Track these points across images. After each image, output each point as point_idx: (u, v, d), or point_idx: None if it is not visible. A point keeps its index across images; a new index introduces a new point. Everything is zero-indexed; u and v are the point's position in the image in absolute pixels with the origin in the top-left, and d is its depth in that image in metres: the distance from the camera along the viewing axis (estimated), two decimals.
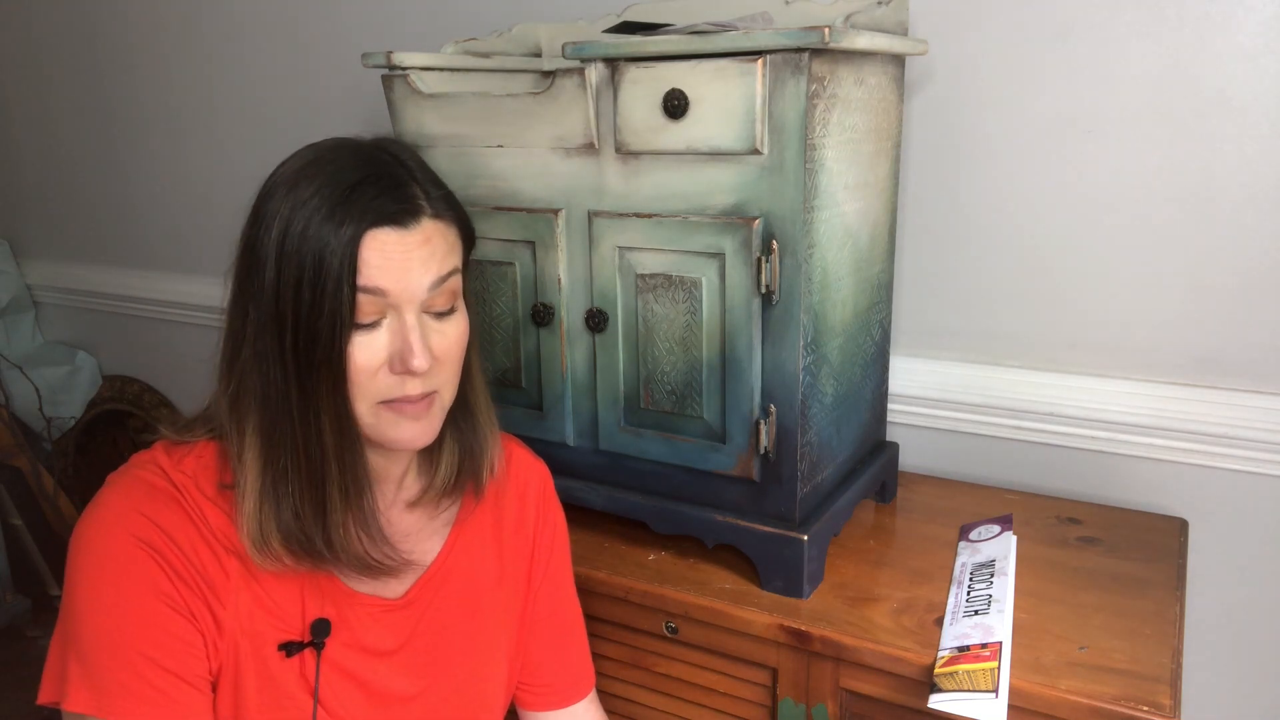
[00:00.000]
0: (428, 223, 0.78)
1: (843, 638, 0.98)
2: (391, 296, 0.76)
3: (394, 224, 0.76)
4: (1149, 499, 1.28)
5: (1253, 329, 1.20)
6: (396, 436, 0.80)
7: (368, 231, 0.75)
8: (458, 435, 0.91)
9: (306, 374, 0.76)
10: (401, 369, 0.77)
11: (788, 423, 1.03)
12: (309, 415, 0.77)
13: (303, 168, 0.77)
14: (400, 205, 0.77)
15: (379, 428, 0.80)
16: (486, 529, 0.95)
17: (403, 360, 0.77)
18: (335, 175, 0.76)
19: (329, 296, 0.74)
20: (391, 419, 0.80)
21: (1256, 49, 1.14)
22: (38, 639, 2.41)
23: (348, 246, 0.74)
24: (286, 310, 0.75)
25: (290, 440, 0.77)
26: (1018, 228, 1.30)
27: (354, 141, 0.81)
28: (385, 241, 0.75)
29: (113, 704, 0.73)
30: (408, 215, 0.77)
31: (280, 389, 0.76)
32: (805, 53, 0.92)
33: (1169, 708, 0.86)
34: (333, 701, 0.82)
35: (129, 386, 2.41)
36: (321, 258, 0.74)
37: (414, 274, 0.77)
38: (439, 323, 0.80)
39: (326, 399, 0.76)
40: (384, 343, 0.77)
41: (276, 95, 1.93)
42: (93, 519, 0.77)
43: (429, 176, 0.82)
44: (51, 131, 2.36)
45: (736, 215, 0.99)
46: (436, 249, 0.78)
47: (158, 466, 0.80)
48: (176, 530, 0.77)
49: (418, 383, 0.79)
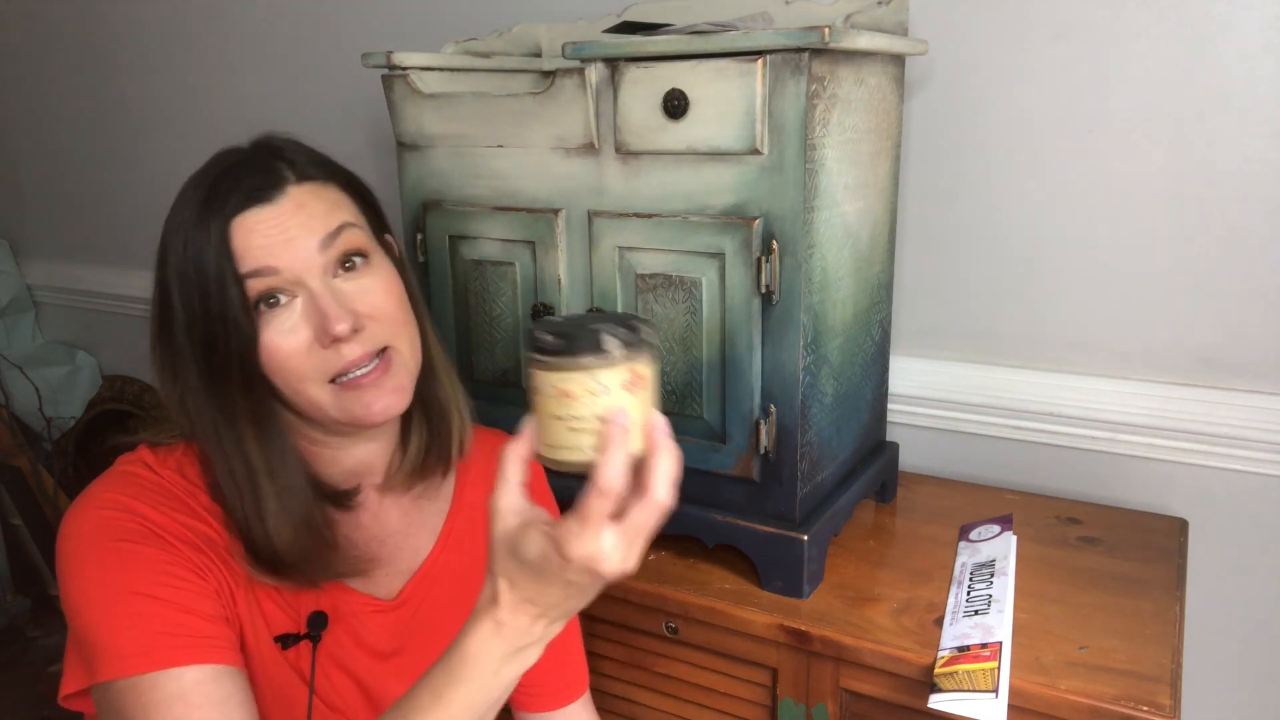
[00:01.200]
0: (295, 189, 0.77)
1: (843, 638, 0.98)
2: (285, 272, 0.75)
3: (259, 202, 0.75)
4: (1149, 499, 1.28)
5: (1253, 329, 1.20)
6: (366, 413, 0.78)
7: (234, 218, 0.74)
8: (424, 409, 0.88)
9: (221, 385, 0.75)
10: (327, 339, 0.75)
11: (788, 423, 1.03)
12: (230, 428, 0.76)
13: (179, 194, 0.78)
14: (260, 180, 0.76)
15: (346, 409, 0.78)
16: (478, 527, 0.95)
17: (323, 329, 0.75)
18: (198, 182, 0.77)
19: (216, 296, 0.73)
20: (353, 395, 0.77)
21: (1256, 49, 1.14)
22: (38, 639, 2.41)
23: (220, 240, 0.73)
24: (190, 327, 0.75)
25: (225, 461, 0.77)
26: (1018, 227, 1.30)
27: (227, 149, 0.81)
28: (256, 221, 0.74)
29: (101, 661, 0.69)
30: (270, 189, 0.76)
31: (206, 412, 0.76)
32: (805, 53, 0.92)
33: (1169, 708, 0.86)
34: (330, 694, 0.82)
35: (129, 386, 2.41)
36: (202, 261, 0.73)
37: (297, 242, 0.75)
38: (353, 280, 0.78)
39: (241, 404, 0.76)
40: (301, 321, 0.75)
41: (277, 95, 1.93)
42: (76, 509, 0.76)
43: (301, 151, 0.80)
44: (51, 131, 2.36)
45: (736, 215, 0.99)
46: (314, 211, 0.77)
47: (145, 464, 0.79)
48: (176, 511, 0.76)
49: (354, 345, 0.76)
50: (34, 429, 2.49)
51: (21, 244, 2.53)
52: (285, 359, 0.75)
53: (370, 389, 0.78)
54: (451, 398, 0.90)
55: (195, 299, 0.74)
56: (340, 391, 0.77)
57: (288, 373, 0.76)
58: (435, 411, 0.89)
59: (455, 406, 0.90)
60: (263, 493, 0.77)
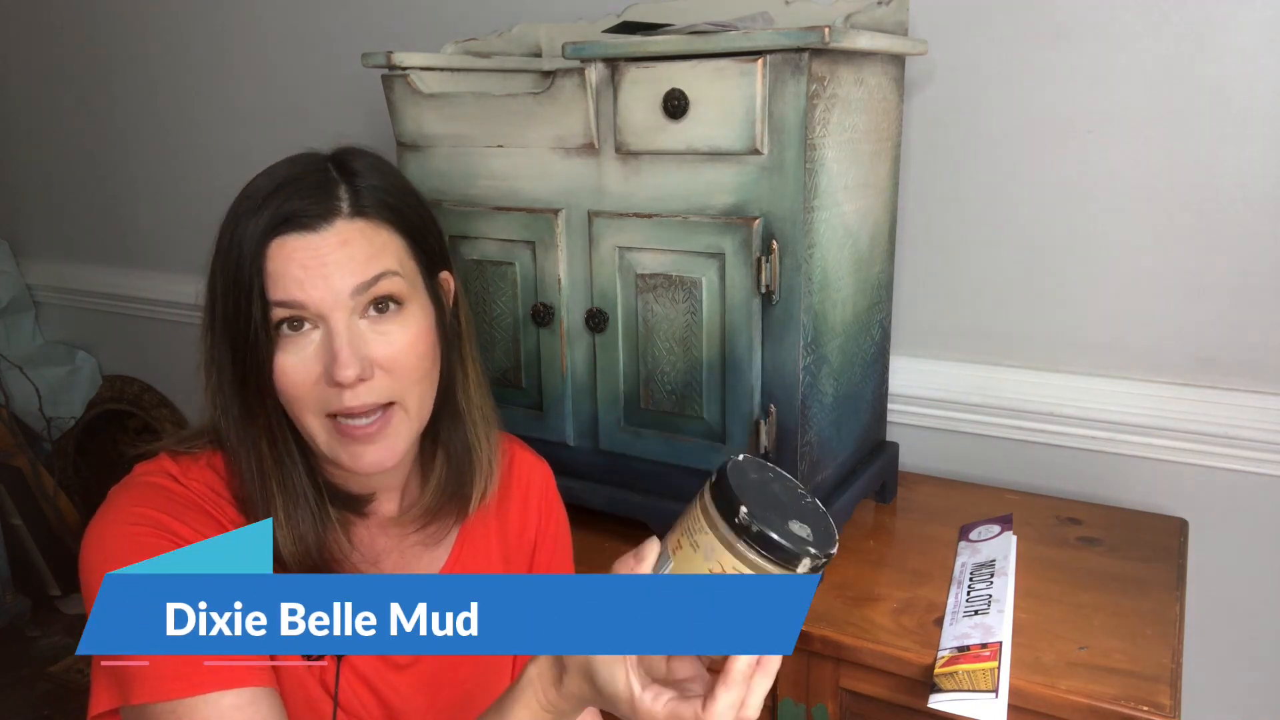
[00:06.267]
0: (344, 224, 0.73)
1: (843, 638, 0.98)
2: (310, 307, 0.72)
3: (303, 229, 0.72)
4: (1149, 499, 1.28)
5: (1253, 329, 1.20)
6: (353, 463, 0.76)
7: (272, 240, 0.72)
8: (446, 450, 0.86)
9: (245, 386, 0.75)
10: (330, 381, 0.73)
11: (788, 423, 1.03)
12: (250, 428, 0.76)
13: (248, 185, 0.76)
14: (311, 205, 0.73)
15: (335, 452, 0.76)
16: (491, 536, 0.94)
17: (329, 372, 0.72)
18: (261, 185, 0.75)
19: (243, 310, 0.72)
20: (344, 443, 0.75)
21: (1256, 49, 1.14)
22: (38, 639, 2.41)
23: (255, 259, 0.72)
24: (226, 327, 0.74)
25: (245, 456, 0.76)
26: (1018, 228, 1.30)
27: (308, 152, 0.79)
28: (293, 249, 0.72)
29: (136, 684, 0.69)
30: (318, 217, 0.72)
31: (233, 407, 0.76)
32: (805, 53, 0.92)
33: (1169, 708, 0.86)
34: (354, 707, 0.82)
35: (129, 386, 2.41)
36: (238, 268, 0.72)
37: (331, 280, 0.72)
38: (379, 325, 0.75)
39: (258, 411, 0.75)
40: (316, 352, 0.73)
41: (277, 95, 1.93)
42: (103, 522, 0.74)
43: (372, 179, 0.77)
44: (51, 131, 2.36)
45: (736, 215, 0.99)
46: (357, 251, 0.73)
47: (168, 475, 0.78)
48: (204, 525, 0.75)
49: (355, 393, 0.73)
50: (34, 429, 2.49)
51: (21, 244, 2.53)
52: (292, 384, 0.74)
53: (361, 441, 0.76)
54: (480, 445, 0.87)
55: (230, 301, 0.73)
56: (334, 432, 0.76)
57: (291, 398, 0.75)
58: (457, 455, 0.86)
59: (483, 454, 0.87)
60: (272, 496, 0.77)
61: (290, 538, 0.77)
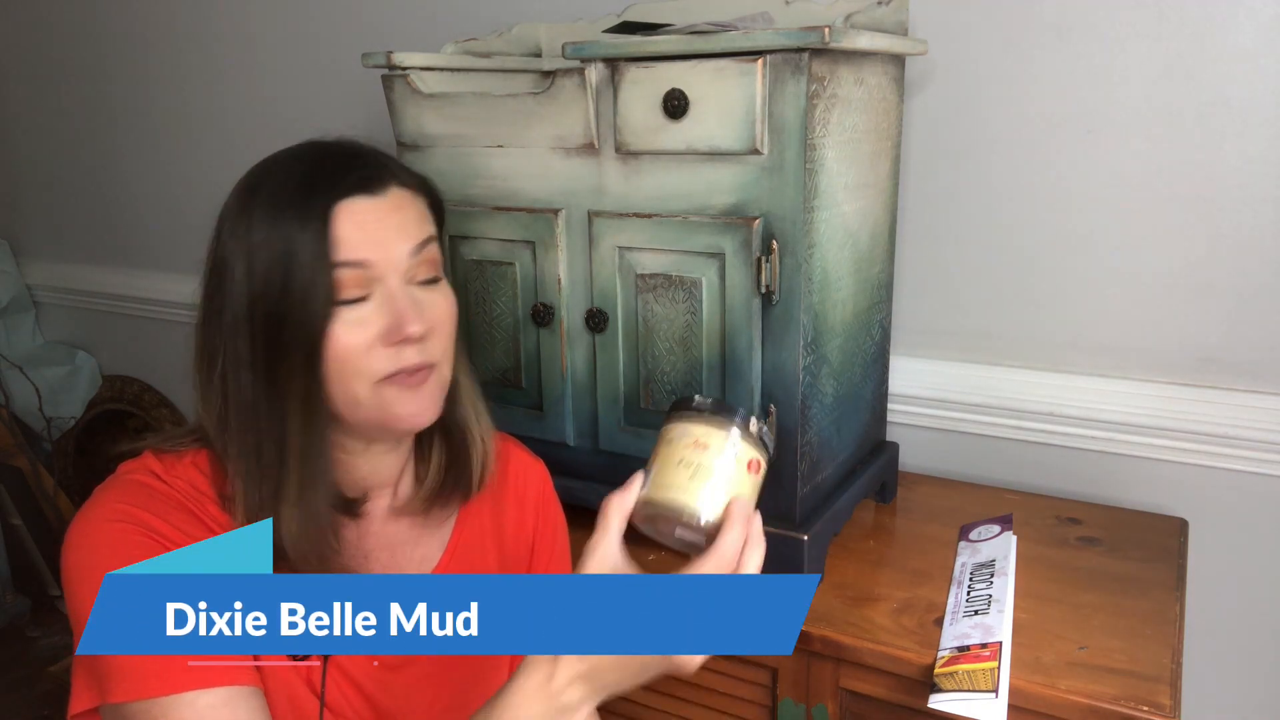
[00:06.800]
0: (396, 190, 0.77)
1: (843, 638, 0.98)
2: (374, 268, 0.74)
3: (365, 192, 0.74)
4: (1149, 499, 1.28)
5: (1253, 329, 1.20)
6: (400, 412, 0.77)
7: (339, 203, 0.73)
8: (445, 432, 0.88)
9: (278, 364, 0.73)
10: (398, 338, 0.74)
11: (788, 423, 1.03)
12: (275, 409, 0.74)
13: (258, 172, 0.77)
14: (369, 171, 0.75)
15: (383, 406, 0.77)
16: (486, 534, 0.94)
17: (398, 328, 0.74)
18: (291, 164, 0.76)
19: (301, 277, 0.72)
20: (394, 394, 0.76)
21: (1256, 49, 1.14)
22: (38, 639, 2.41)
23: (320, 221, 0.72)
24: (257, 302, 0.73)
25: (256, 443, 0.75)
26: (1018, 228, 1.30)
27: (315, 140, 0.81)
28: (358, 210, 0.74)
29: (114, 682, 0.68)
30: (376, 182, 0.75)
31: (249, 391, 0.75)
32: (805, 53, 0.92)
33: (1169, 708, 0.86)
34: (342, 706, 0.82)
35: (129, 386, 2.41)
36: (291, 239, 0.72)
37: (392, 241, 0.75)
38: (426, 292, 0.78)
39: (296, 386, 0.74)
40: (373, 317, 0.75)
41: (277, 95, 1.93)
42: (84, 520, 0.74)
43: (391, 158, 0.81)
44: (51, 132, 2.36)
45: (736, 215, 0.99)
46: (409, 215, 0.77)
47: (152, 473, 0.77)
48: (186, 523, 0.75)
49: (414, 351, 0.76)
50: (34, 429, 2.49)
51: (21, 244, 2.53)
52: (345, 352, 0.74)
53: (408, 390, 0.77)
54: (474, 424, 0.89)
55: (276, 274, 0.72)
56: (381, 388, 0.76)
57: (344, 366, 0.75)
58: (455, 435, 0.88)
59: (478, 434, 0.89)
60: (288, 478, 0.75)
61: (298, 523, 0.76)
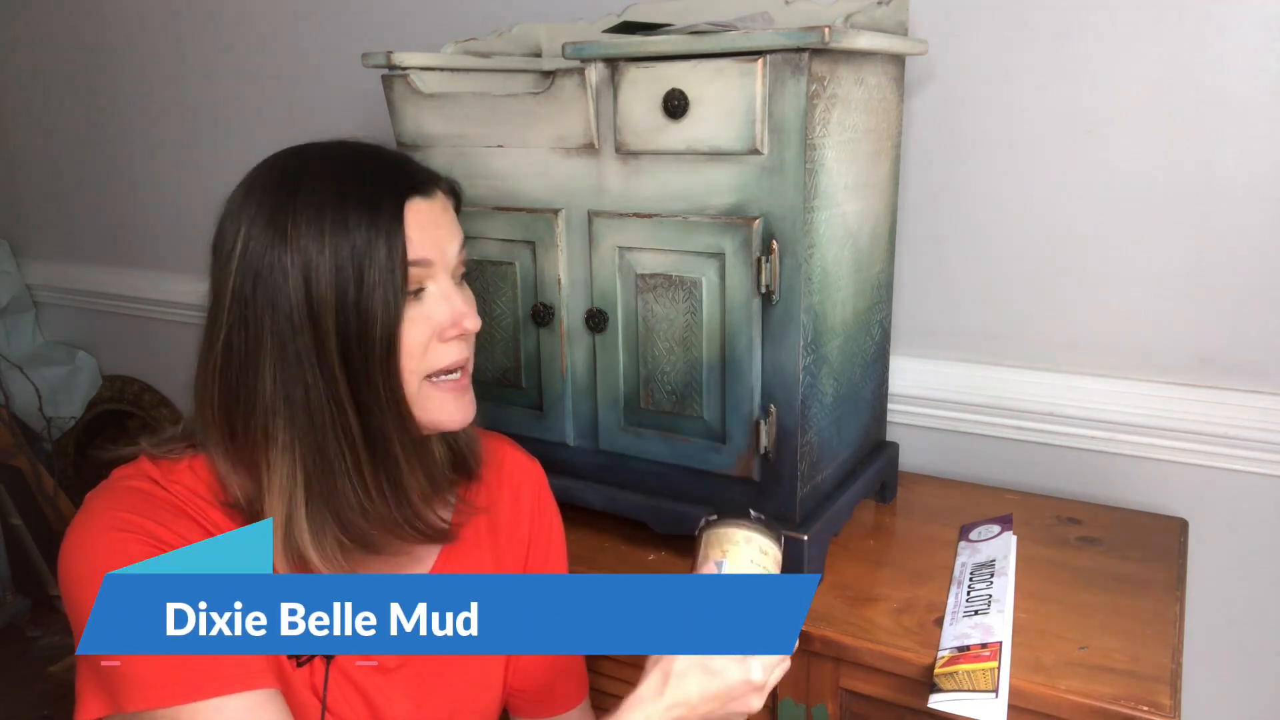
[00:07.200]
0: (441, 192, 0.80)
1: (843, 638, 0.98)
2: (435, 266, 0.77)
3: (424, 194, 0.77)
4: (1149, 499, 1.28)
5: (1253, 329, 1.20)
6: (443, 418, 0.80)
7: (409, 201, 0.75)
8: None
9: (357, 365, 0.73)
10: (457, 333, 0.78)
11: (788, 423, 1.03)
12: (361, 407, 0.74)
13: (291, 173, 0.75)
14: (423, 173, 0.78)
15: (427, 408, 0.79)
16: (482, 534, 0.94)
17: (457, 323, 0.77)
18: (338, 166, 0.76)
19: (378, 275, 0.73)
20: (439, 398, 0.79)
21: (1256, 49, 1.14)
22: (38, 639, 2.41)
23: (391, 221, 0.74)
24: (323, 303, 0.72)
25: (342, 440, 0.74)
26: (1018, 228, 1.30)
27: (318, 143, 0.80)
28: (421, 210, 0.76)
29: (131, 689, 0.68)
30: (429, 184, 0.78)
31: (321, 390, 0.73)
32: (805, 53, 0.92)
33: (1169, 708, 0.86)
34: (343, 709, 0.82)
35: (129, 386, 2.41)
36: (366, 239, 0.73)
37: (447, 240, 0.78)
38: (464, 290, 0.81)
39: (383, 382, 0.75)
40: (430, 313, 0.77)
41: (277, 95, 1.93)
42: (83, 529, 0.73)
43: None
44: (51, 132, 2.36)
45: (736, 215, 0.99)
46: (453, 216, 0.81)
47: (149, 479, 0.77)
48: (187, 530, 0.74)
49: (464, 345, 0.80)
50: (34, 429, 2.49)
51: (21, 244, 2.53)
52: (415, 344, 0.76)
53: (452, 395, 0.80)
54: None
55: (348, 273, 0.72)
56: (429, 390, 0.78)
57: (410, 359, 0.76)
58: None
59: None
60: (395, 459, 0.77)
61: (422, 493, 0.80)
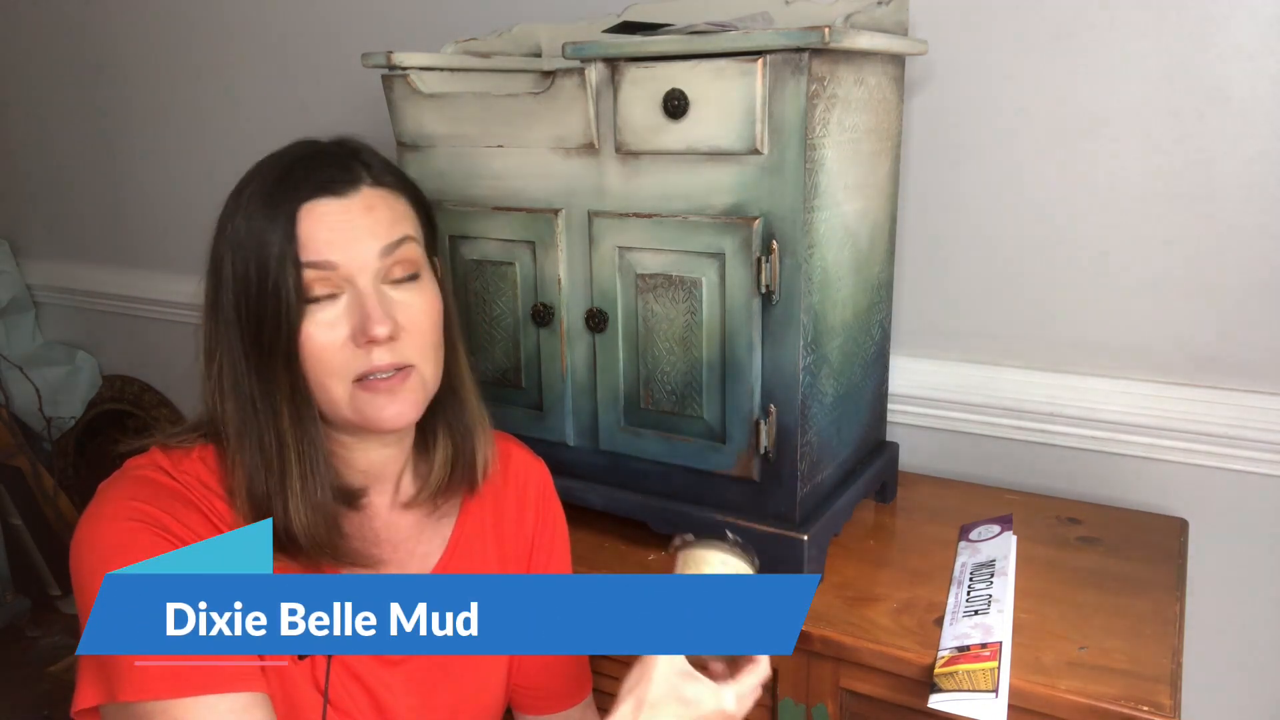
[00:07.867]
0: (368, 190, 0.78)
1: (843, 638, 0.98)
2: (341, 269, 0.76)
3: (331, 194, 0.76)
4: (1149, 499, 1.28)
5: (1253, 329, 1.20)
6: (375, 415, 0.78)
7: (303, 204, 0.75)
8: (449, 429, 0.89)
9: (264, 360, 0.76)
10: (364, 339, 0.76)
11: (788, 423, 1.03)
12: (268, 403, 0.76)
13: (249, 172, 0.79)
14: (336, 174, 0.77)
15: (359, 409, 0.78)
16: (487, 532, 0.94)
17: (363, 329, 0.76)
18: (274, 164, 0.78)
19: (272, 276, 0.74)
20: (366, 398, 0.78)
21: (1256, 49, 1.14)
22: (38, 639, 2.41)
23: (286, 223, 0.74)
24: (240, 300, 0.75)
25: (257, 434, 0.77)
26: (1018, 227, 1.30)
27: (306, 139, 0.82)
28: (325, 212, 0.76)
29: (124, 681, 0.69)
30: (345, 184, 0.77)
31: (245, 385, 0.77)
32: (805, 53, 0.92)
33: (1169, 708, 0.86)
34: (345, 704, 0.82)
35: (129, 386, 2.41)
36: (265, 238, 0.74)
37: (361, 242, 0.76)
38: (400, 292, 0.79)
39: (282, 381, 0.76)
40: (343, 317, 0.76)
41: (277, 95, 1.93)
42: (94, 517, 0.74)
43: (376, 157, 0.82)
44: (51, 132, 2.36)
45: (736, 215, 0.99)
46: (381, 216, 0.78)
47: (160, 468, 0.78)
48: (194, 520, 0.75)
49: (384, 352, 0.77)
50: (34, 429, 2.49)
51: (21, 244, 2.53)
52: (319, 351, 0.76)
53: (384, 394, 0.78)
54: (478, 423, 0.91)
55: (252, 272, 0.75)
56: (358, 392, 0.78)
57: (319, 365, 0.77)
58: (460, 433, 0.89)
59: (481, 431, 0.91)
60: (289, 469, 0.77)
61: (307, 513, 0.78)
